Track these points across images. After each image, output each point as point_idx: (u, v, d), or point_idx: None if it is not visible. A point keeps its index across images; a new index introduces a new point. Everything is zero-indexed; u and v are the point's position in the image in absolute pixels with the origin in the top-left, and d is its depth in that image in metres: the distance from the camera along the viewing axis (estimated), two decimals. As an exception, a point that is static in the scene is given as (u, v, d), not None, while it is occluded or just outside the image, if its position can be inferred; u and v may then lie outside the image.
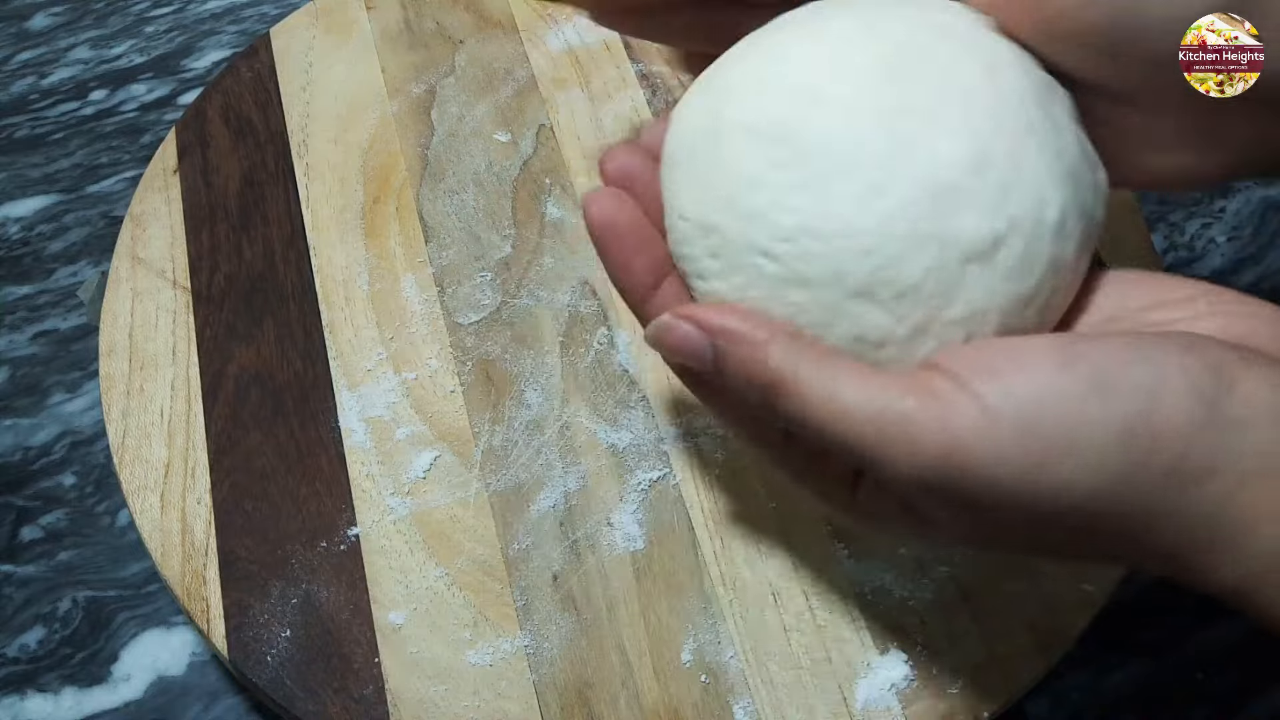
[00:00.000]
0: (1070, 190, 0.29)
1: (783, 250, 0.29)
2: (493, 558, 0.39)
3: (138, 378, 0.43)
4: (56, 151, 0.56)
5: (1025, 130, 0.28)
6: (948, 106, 0.29)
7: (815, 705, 0.36)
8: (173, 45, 0.61)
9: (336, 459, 0.41)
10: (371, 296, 0.45)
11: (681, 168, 0.32)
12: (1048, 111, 0.29)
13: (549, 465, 0.41)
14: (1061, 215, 0.28)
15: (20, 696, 0.40)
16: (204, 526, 0.40)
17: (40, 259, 0.52)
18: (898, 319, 0.28)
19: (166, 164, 0.50)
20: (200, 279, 0.46)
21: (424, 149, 0.50)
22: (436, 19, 0.55)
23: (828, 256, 0.29)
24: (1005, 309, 0.28)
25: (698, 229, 0.31)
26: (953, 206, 0.28)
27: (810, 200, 0.29)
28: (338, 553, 0.39)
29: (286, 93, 0.52)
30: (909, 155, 0.28)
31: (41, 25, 0.62)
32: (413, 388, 0.43)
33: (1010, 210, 0.28)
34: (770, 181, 0.29)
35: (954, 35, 0.30)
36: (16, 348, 0.49)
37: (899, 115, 0.29)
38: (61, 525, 0.44)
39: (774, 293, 0.29)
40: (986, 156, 0.28)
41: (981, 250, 0.28)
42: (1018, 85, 0.29)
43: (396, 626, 0.38)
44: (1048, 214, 0.28)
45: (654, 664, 0.37)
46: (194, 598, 0.38)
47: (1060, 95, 0.30)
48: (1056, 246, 0.28)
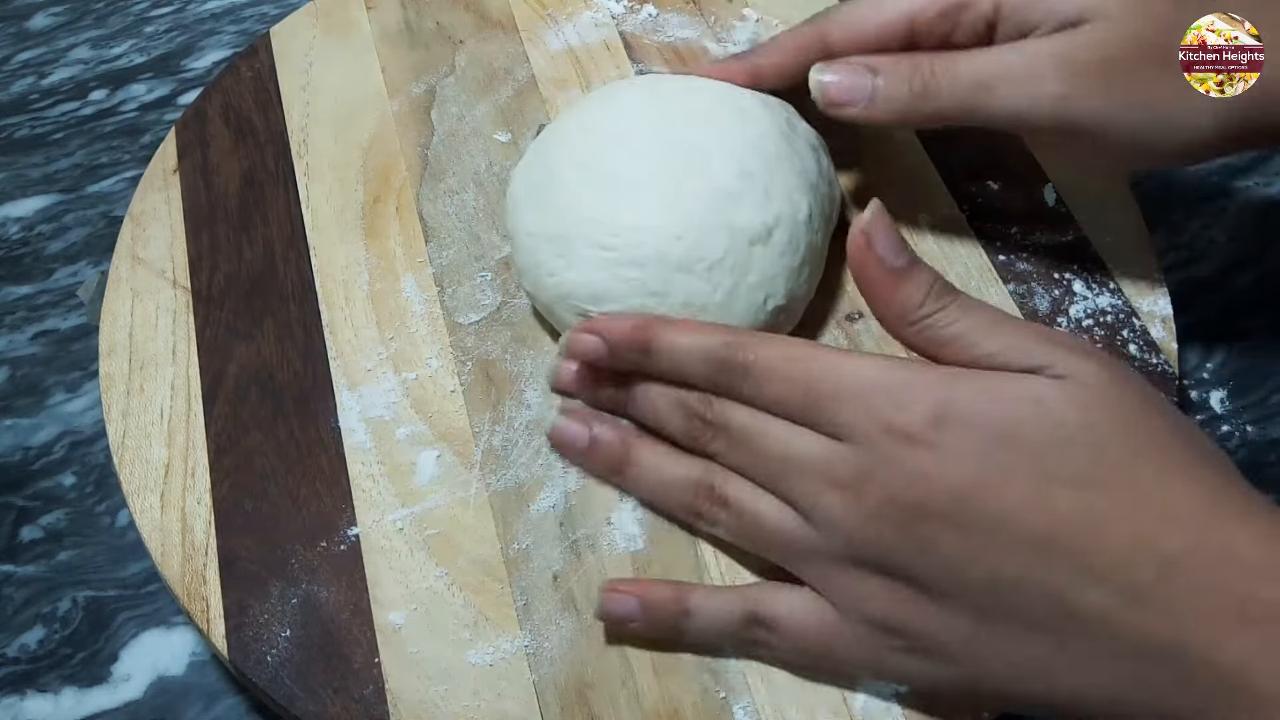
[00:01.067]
0: (813, 196, 0.42)
1: (617, 241, 0.40)
2: (493, 558, 0.39)
3: (138, 378, 0.43)
4: (56, 151, 0.56)
5: (774, 155, 0.41)
6: (715, 139, 0.41)
7: (815, 705, 0.36)
8: (173, 45, 0.61)
9: (336, 459, 0.41)
10: (371, 296, 0.45)
11: (524, 200, 0.43)
12: (791, 144, 0.42)
13: (549, 465, 0.41)
14: (810, 212, 0.41)
15: (20, 696, 0.40)
16: (204, 526, 0.40)
17: (40, 259, 0.52)
18: (713, 286, 0.40)
19: (166, 164, 0.50)
20: (200, 279, 0.46)
21: (424, 149, 0.50)
22: (436, 19, 0.55)
23: (651, 243, 0.40)
24: (786, 277, 0.41)
25: (543, 239, 0.41)
26: (733, 205, 0.40)
27: (629, 206, 0.40)
28: (338, 553, 0.39)
29: (286, 93, 0.52)
30: (695, 171, 0.41)
31: (41, 25, 0.62)
32: (413, 388, 0.43)
33: (774, 208, 0.40)
34: (599, 197, 0.41)
35: (714, 96, 0.43)
36: (16, 348, 0.49)
37: (682, 145, 0.41)
38: (61, 525, 0.44)
39: (615, 273, 0.40)
40: (750, 172, 0.41)
41: (760, 235, 0.40)
42: (765, 127, 0.42)
43: (396, 627, 0.38)
44: (800, 212, 0.41)
45: (654, 664, 0.37)
46: (194, 598, 0.38)
47: (803, 132, 0.44)
48: (810, 235, 0.41)
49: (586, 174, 0.42)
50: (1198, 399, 0.49)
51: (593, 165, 0.42)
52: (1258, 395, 0.49)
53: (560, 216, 0.41)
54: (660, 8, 0.55)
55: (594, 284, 0.40)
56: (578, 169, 0.42)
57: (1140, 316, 0.45)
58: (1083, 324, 0.45)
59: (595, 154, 0.43)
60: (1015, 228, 0.48)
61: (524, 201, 0.43)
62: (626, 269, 0.40)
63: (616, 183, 0.41)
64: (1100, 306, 0.45)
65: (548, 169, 0.43)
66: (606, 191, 0.41)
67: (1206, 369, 0.50)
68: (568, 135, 0.44)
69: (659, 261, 0.40)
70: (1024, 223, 0.48)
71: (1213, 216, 0.54)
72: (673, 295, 0.39)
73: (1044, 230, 0.47)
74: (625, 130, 0.43)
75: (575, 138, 0.44)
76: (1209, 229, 0.54)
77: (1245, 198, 0.55)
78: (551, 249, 0.41)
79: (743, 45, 0.54)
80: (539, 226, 0.42)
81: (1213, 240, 0.54)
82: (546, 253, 0.41)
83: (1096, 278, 0.46)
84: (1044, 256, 0.47)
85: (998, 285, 0.46)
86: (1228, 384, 0.49)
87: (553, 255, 0.41)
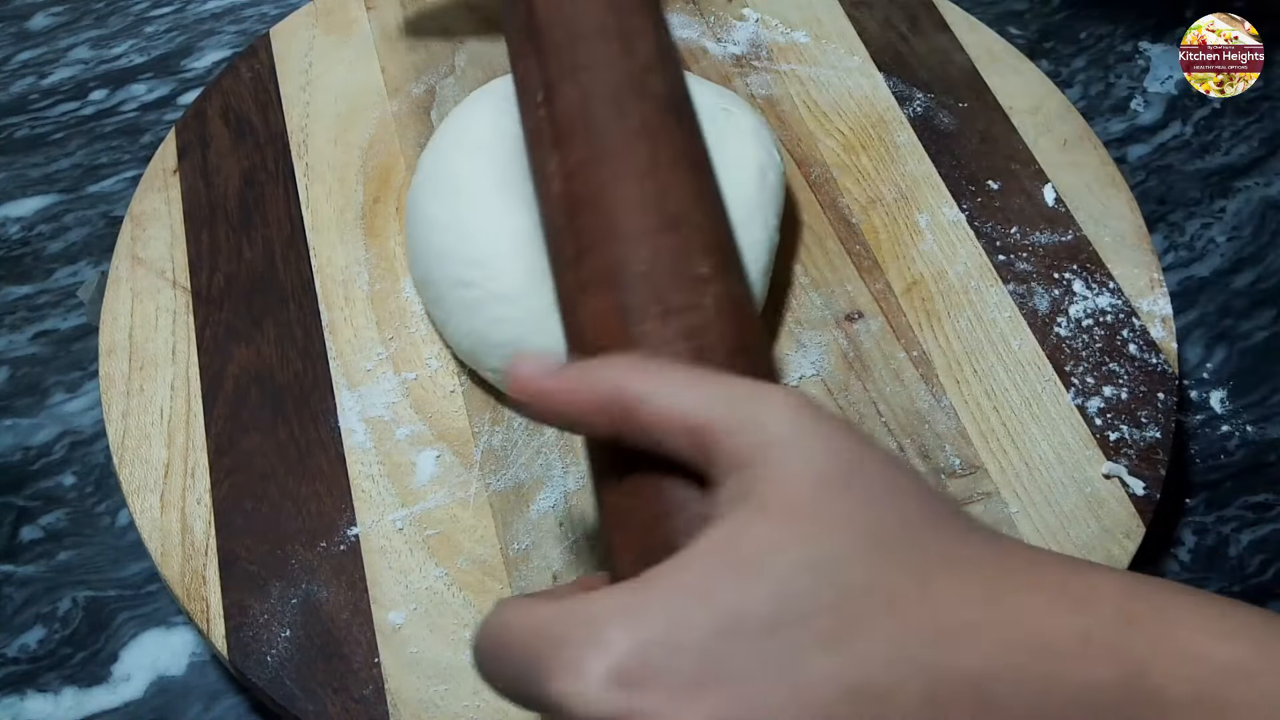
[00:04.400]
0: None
1: (475, 275, 0.37)
2: (493, 558, 0.39)
3: (138, 378, 0.43)
4: (56, 151, 0.56)
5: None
6: None
7: (815, 705, 0.36)
8: (173, 45, 0.61)
9: (336, 459, 0.41)
10: (371, 296, 0.45)
11: (410, 249, 0.41)
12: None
13: (549, 465, 0.41)
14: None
15: (20, 696, 0.40)
16: (204, 526, 0.40)
17: (40, 259, 0.52)
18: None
19: (166, 164, 0.50)
20: (200, 279, 0.46)
21: (424, 149, 0.50)
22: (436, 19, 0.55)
23: (518, 271, 0.36)
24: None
25: (423, 287, 0.40)
26: None
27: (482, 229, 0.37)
28: (337, 553, 0.39)
29: (286, 93, 0.52)
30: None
31: (41, 25, 0.62)
32: (413, 388, 0.43)
33: None
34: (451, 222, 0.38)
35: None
36: (16, 348, 0.49)
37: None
38: (61, 525, 0.44)
39: (481, 313, 0.37)
40: None
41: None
42: None
43: (396, 626, 0.38)
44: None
45: (654, 664, 0.37)
46: (194, 598, 0.38)
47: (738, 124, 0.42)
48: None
49: (439, 202, 0.40)
50: (1198, 399, 0.49)
51: (445, 190, 0.40)
52: (1258, 395, 0.49)
53: (425, 259, 0.39)
54: (660, 8, 0.55)
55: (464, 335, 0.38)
56: (431, 198, 0.40)
57: (1140, 316, 0.45)
58: (1083, 323, 0.45)
59: (450, 170, 0.41)
60: (1015, 228, 0.48)
61: (410, 250, 0.41)
62: (493, 306, 0.37)
63: (469, 204, 0.39)
64: (1100, 306, 0.45)
65: (413, 206, 0.41)
66: (460, 214, 0.39)
67: (1206, 369, 0.50)
68: (428, 151, 0.42)
69: (531, 294, 0.36)
70: (1024, 223, 0.48)
71: (1213, 216, 0.55)
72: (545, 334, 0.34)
73: (1044, 230, 0.47)
74: (483, 140, 0.41)
75: (434, 151, 0.42)
76: (1209, 229, 0.54)
77: (1245, 198, 0.55)
78: (428, 298, 0.39)
79: (742, 45, 0.54)
80: (418, 274, 0.40)
81: (1213, 240, 0.54)
82: (430, 304, 0.39)
83: (1096, 278, 0.46)
84: (1044, 256, 0.47)
85: (998, 285, 0.46)
86: (1228, 384, 0.49)
87: (432, 306, 0.39)
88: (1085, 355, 0.44)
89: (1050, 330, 0.45)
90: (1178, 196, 0.55)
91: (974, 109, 0.52)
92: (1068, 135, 0.51)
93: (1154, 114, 0.59)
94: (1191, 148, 0.57)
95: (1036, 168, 0.49)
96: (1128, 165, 0.57)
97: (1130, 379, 0.43)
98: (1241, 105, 0.58)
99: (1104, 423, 0.42)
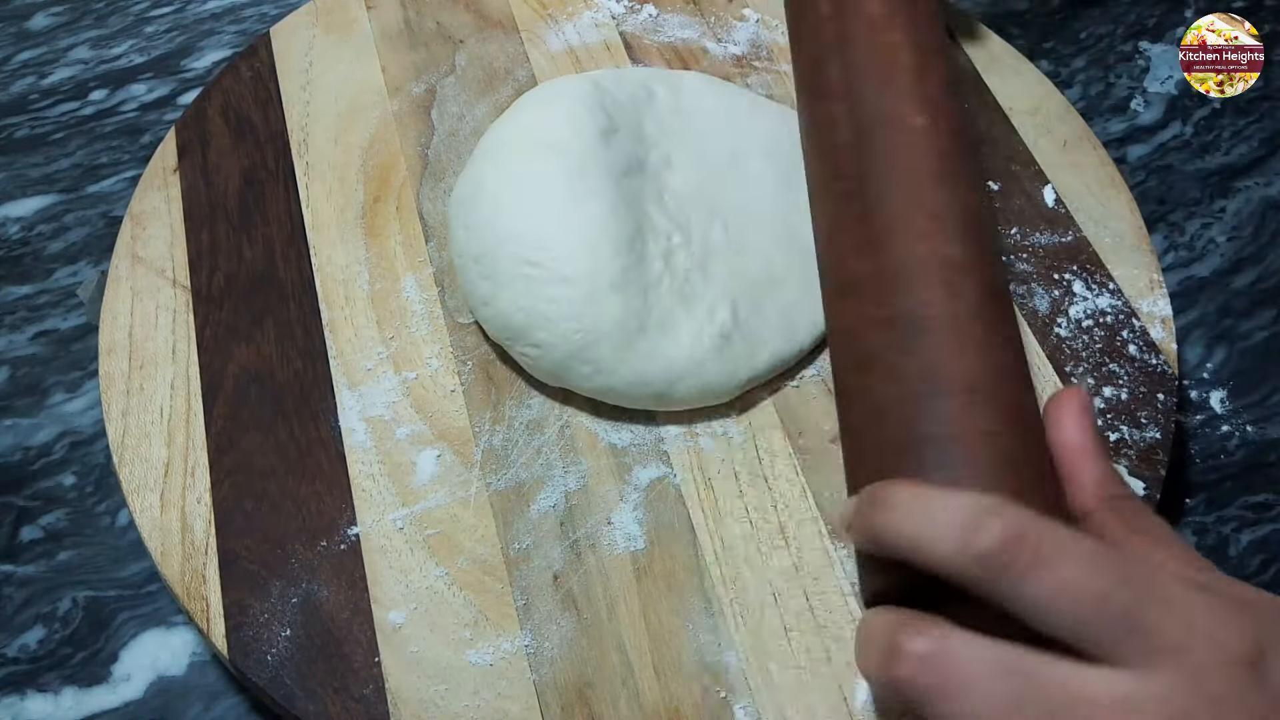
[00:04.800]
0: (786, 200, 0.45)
1: (542, 257, 0.39)
2: (493, 557, 0.39)
3: (137, 377, 0.43)
4: (56, 151, 0.56)
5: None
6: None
7: (815, 705, 0.36)
8: (173, 45, 0.61)
9: (336, 459, 0.41)
10: (372, 296, 0.45)
11: (456, 219, 0.43)
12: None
13: (549, 465, 0.41)
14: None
15: (20, 696, 0.40)
16: (204, 526, 0.40)
17: (40, 259, 0.52)
18: (649, 307, 0.40)
19: (166, 163, 0.50)
20: (200, 278, 0.46)
21: (424, 149, 0.50)
22: (437, 19, 0.55)
23: (581, 258, 0.39)
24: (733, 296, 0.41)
25: (471, 259, 0.41)
26: None
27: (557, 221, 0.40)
28: (338, 552, 0.39)
29: (286, 92, 0.52)
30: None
31: (41, 25, 0.62)
32: (413, 387, 0.43)
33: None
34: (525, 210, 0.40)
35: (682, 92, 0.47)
36: (16, 348, 0.49)
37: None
38: (61, 525, 0.44)
39: (539, 291, 0.39)
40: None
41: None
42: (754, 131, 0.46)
43: (396, 626, 0.38)
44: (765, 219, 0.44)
45: (654, 664, 0.37)
46: (194, 597, 0.38)
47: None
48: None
49: (510, 189, 0.41)
50: (1198, 399, 0.49)
51: (522, 176, 0.41)
52: (1258, 395, 0.49)
53: (483, 236, 0.41)
54: (660, 8, 0.55)
55: (519, 311, 0.40)
56: (504, 186, 0.42)
57: (1140, 317, 0.45)
58: (1083, 324, 0.45)
59: (525, 164, 0.42)
60: (1015, 228, 0.48)
61: (456, 220, 0.43)
62: (550, 287, 0.39)
63: (545, 195, 0.41)
64: (1100, 307, 0.45)
65: (475, 189, 0.42)
66: (534, 203, 0.41)
67: (1206, 369, 0.50)
68: (496, 144, 0.43)
69: (590, 277, 0.39)
70: (1024, 223, 0.48)
71: (1213, 216, 0.55)
72: (605, 314, 0.39)
73: (1044, 231, 0.47)
74: (561, 138, 0.42)
75: (505, 145, 0.43)
76: (1209, 229, 0.54)
77: (1245, 198, 0.55)
78: (478, 270, 0.41)
79: (742, 45, 0.54)
80: (468, 247, 0.41)
81: (1213, 240, 0.54)
82: (479, 277, 0.41)
83: (1096, 278, 0.46)
84: (1044, 256, 0.47)
85: (998, 285, 0.46)
86: (1228, 384, 0.49)
87: (481, 279, 0.41)
88: (1085, 356, 0.44)
89: (1050, 331, 0.45)
90: (1178, 196, 0.55)
91: (974, 110, 0.52)
92: (1067, 136, 0.51)
93: (1154, 114, 0.59)
94: (1191, 148, 0.57)
95: (1036, 168, 0.49)
96: (1128, 165, 0.57)
97: (1130, 379, 0.43)
98: (1241, 105, 0.58)
99: (1104, 423, 0.42)
